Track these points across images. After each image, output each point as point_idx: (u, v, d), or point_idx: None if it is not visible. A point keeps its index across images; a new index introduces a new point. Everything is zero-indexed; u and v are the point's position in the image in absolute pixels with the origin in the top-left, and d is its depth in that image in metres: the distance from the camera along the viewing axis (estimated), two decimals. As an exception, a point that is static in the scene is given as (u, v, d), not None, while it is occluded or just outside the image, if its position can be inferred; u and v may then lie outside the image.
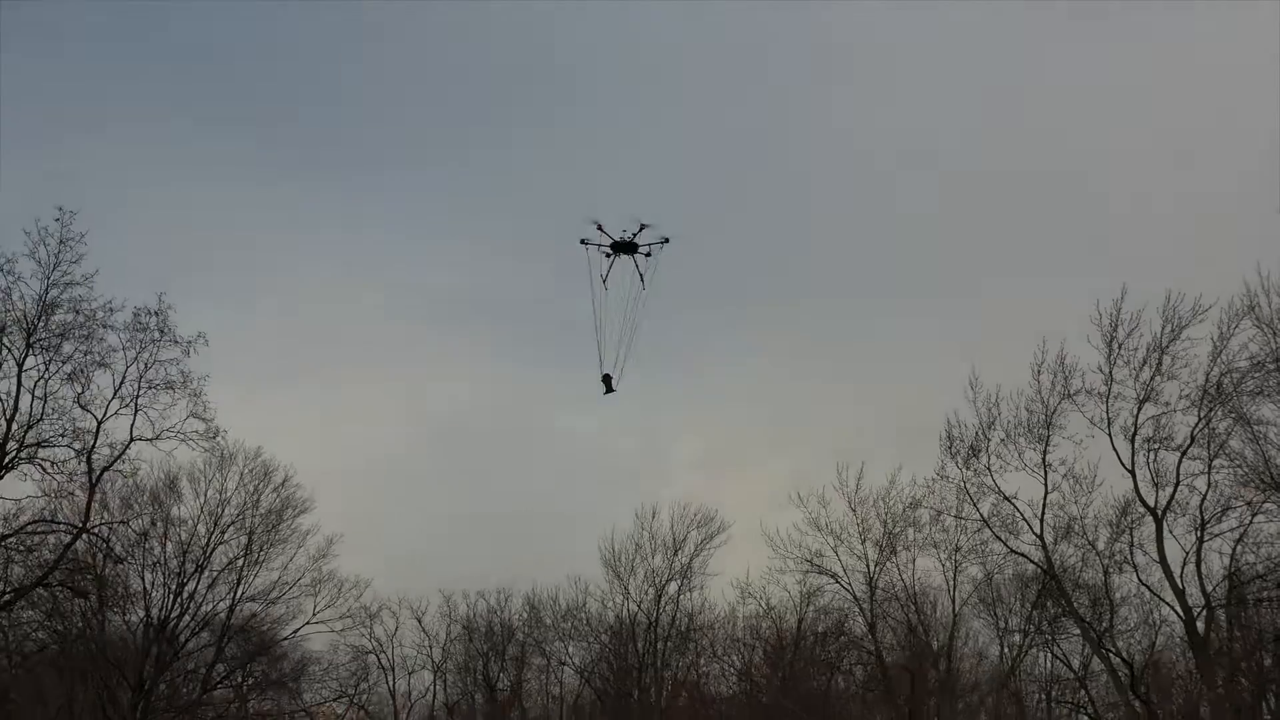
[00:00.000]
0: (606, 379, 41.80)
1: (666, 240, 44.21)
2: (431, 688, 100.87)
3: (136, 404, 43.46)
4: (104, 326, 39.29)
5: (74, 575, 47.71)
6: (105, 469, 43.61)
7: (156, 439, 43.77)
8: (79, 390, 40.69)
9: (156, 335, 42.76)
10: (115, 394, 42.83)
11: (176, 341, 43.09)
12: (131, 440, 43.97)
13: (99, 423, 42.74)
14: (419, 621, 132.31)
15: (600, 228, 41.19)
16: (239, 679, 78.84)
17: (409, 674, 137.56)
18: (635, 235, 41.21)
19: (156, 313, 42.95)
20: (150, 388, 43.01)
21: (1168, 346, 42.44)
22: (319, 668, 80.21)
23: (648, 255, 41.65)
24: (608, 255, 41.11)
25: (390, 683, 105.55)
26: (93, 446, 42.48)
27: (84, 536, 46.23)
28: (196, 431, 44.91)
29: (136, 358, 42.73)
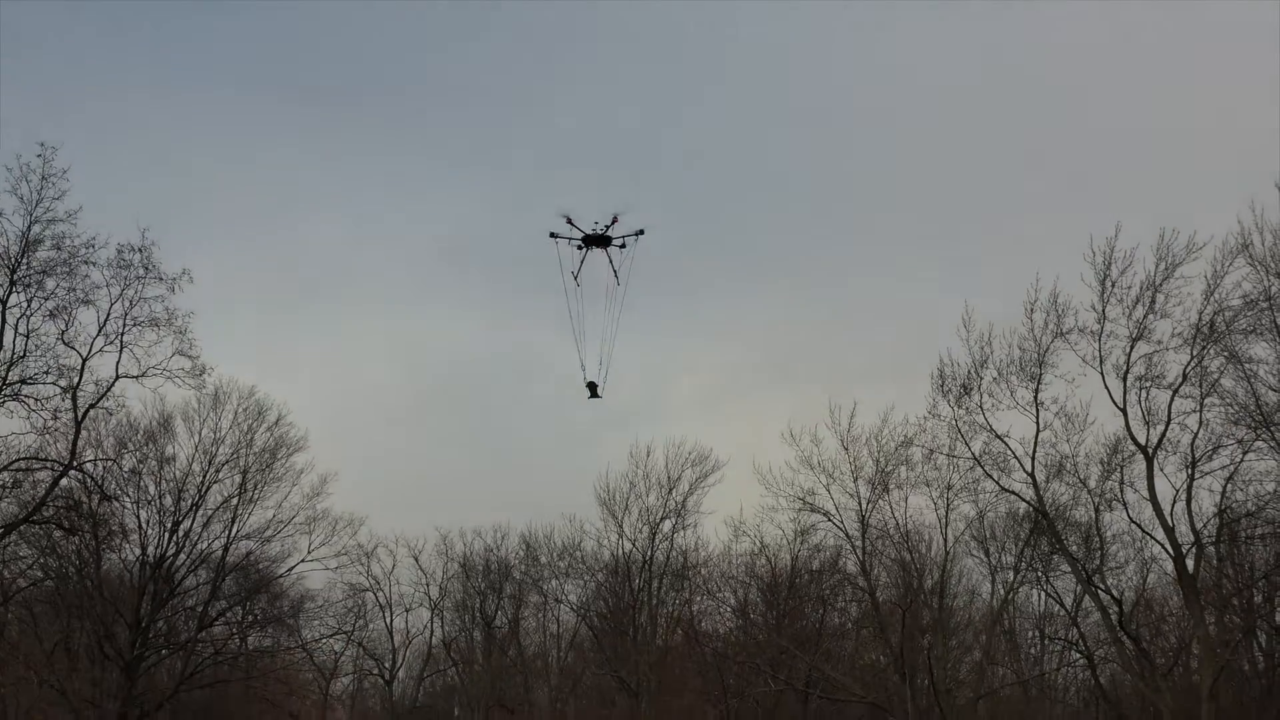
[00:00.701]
0: (591, 386, 40.82)
1: (641, 232, 42.73)
2: (429, 625, 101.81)
3: (122, 341, 43.36)
4: (87, 263, 38.95)
5: (63, 512, 47.78)
6: (91, 406, 43.53)
7: (142, 376, 43.73)
8: (62, 327, 40.55)
9: (141, 272, 42.58)
10: (100, 331, 42.74)
11: (161, 278, 42.91)
12: (117, 378, 43.90)
13: (84, 360, 42.68)
14: (416, 560, 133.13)
15: (570, 221, 39.93)
16: (238, 616, 79.57)
17: (406, 611, 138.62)
18: (609, 227, 39.94)
19: (140, 249, 42.73)
20: (135, 325, 42.89)
21: (1161, 284, 42.06)
22: (314, 605, 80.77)
23: (622, 248, 40.29)
24: (580, 249, 39.89)
25: (388, 620, 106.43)
26: (78, 384, 42.41)
27: (73, 474, 46.32)
28: (183, 369, 44.88)
29: (121, 294, 42.61)
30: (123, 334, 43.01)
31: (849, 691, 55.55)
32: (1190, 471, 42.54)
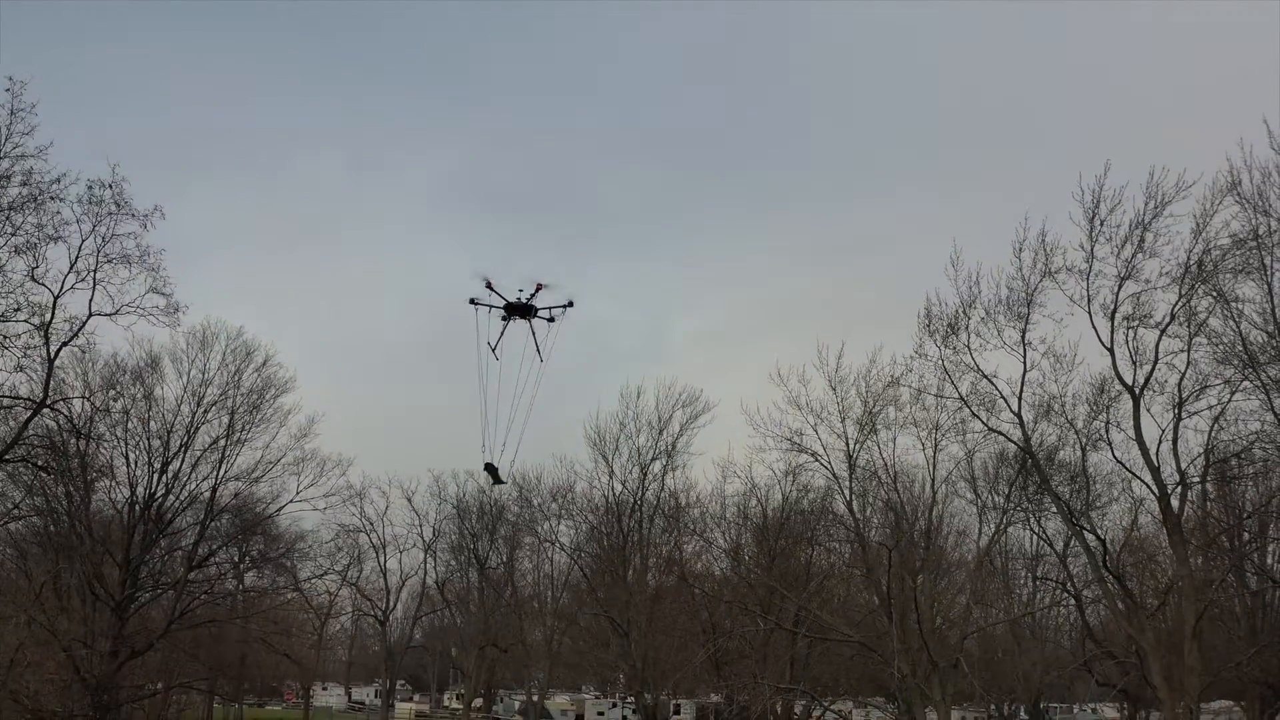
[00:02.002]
0: (491, 470, 38.92)
1: (570, 304, 41.42)
2: (423, 565, 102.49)
3: (94, 278, 42.87)
4: (55, 199, 38.35)
5: (38, 451, 47.64)
6: (64, 344, 43.21)
7: (116, 314, 43.34)
8: (32, 264, 40.03)
9: (113, 208, 41.94)
10: (71, 268, 42.22)
11: (134, 215, 42.23)
12: (90, 315, 43.50)
13: (55, 297, 42.14)
14: (409, 501, 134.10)
15: (490, 285, 38.40)
16: (233, 557, 79.93)
17: (400, 552, 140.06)
18: (533, 295, 38.49)
19: (110, 185, 42.06)
20: (108, 261, 42.39)
21: (1150, 223, 41.42)
22: (305, 544, 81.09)
23: (550, 320, 38.79)
24: (503, 318, 38.51)
25: (381, 561, 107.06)
26: (49, 321, 42.00)
27: (50, 413, 46.14)
28: (157, 307, 44.46)
29: (93, 230, 42.02)
30: (95, 271, 42.58)
31: (837, 631, 55.71)
32: (1177, 412, 42.22)
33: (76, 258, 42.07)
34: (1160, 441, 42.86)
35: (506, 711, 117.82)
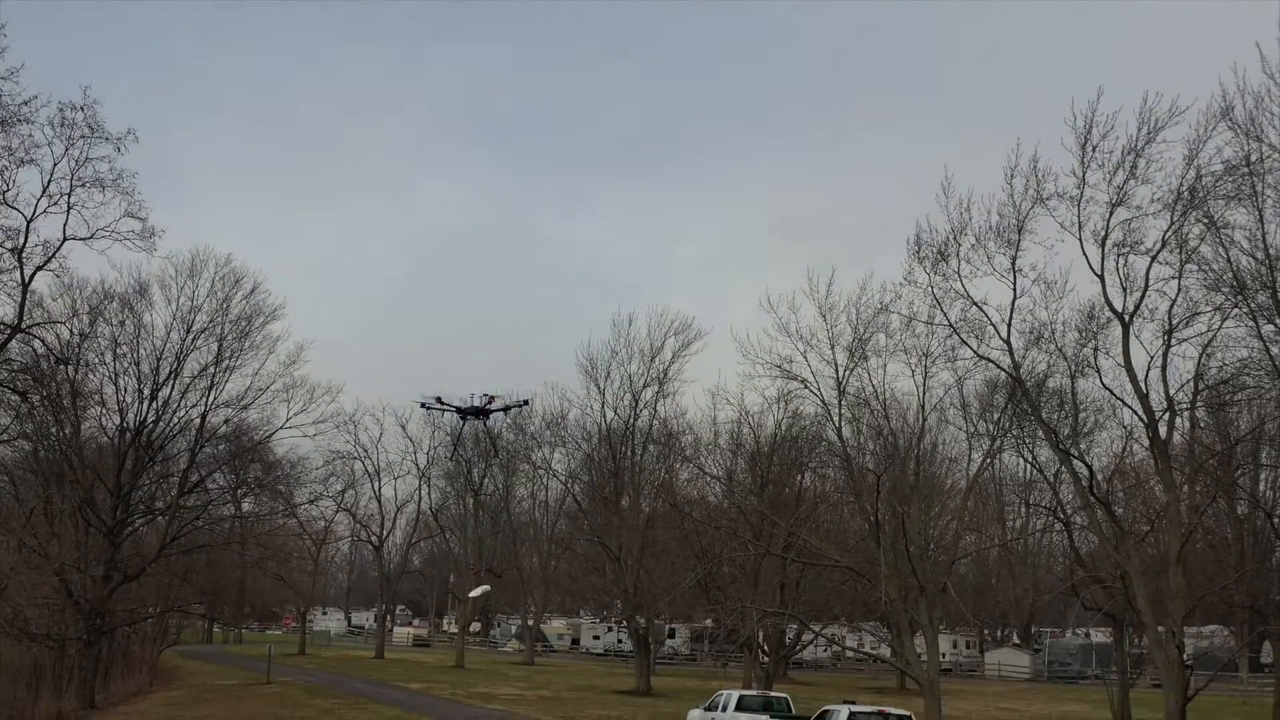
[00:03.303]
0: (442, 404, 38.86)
1: (525, 402, 42.36)
2: (417, 492, 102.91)
3: (68, 202, 42.57)
4: (24, 121, 37.77)
5: (18, 375, 47.49)
6: (39, 269, 43.02)
7: (91, 239, 43.03)
8: (3, 187, 39.62)
9: (85, 131, 41.47)
10: (44, 192, 41.87)
11: (107, 138, 41.83)
12: (64, 239, 43.28)
13: (28, 221, 41.96)
14: (403, 428, 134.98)
15: (440, 401, 39.04)
16: (229, 482, 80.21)
17: (395, 479, 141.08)
18: (488, 401, 39.23)
19: (82, 107, 41.57)
20: (81, 185, 42.01)
21: (1142, 149, 40.66)
22: (299, 471, 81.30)
23: (505, 411, 39.62)
24: (462, 420, 39.08)
25: (376, 487, 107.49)
26: (23, 246, 41.79)
27: (32, 339, 46.02)
28: (133, 231, 44.16)
29: (66, 153, 41.64)
30: (69, 195, 42.25)
31: (826, 557, 55.85)
32: (1166, 339, 41.79)
33: (49, 181, 41.75)
34: (1149, 369, 42.57)
35: (503, 636, 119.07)
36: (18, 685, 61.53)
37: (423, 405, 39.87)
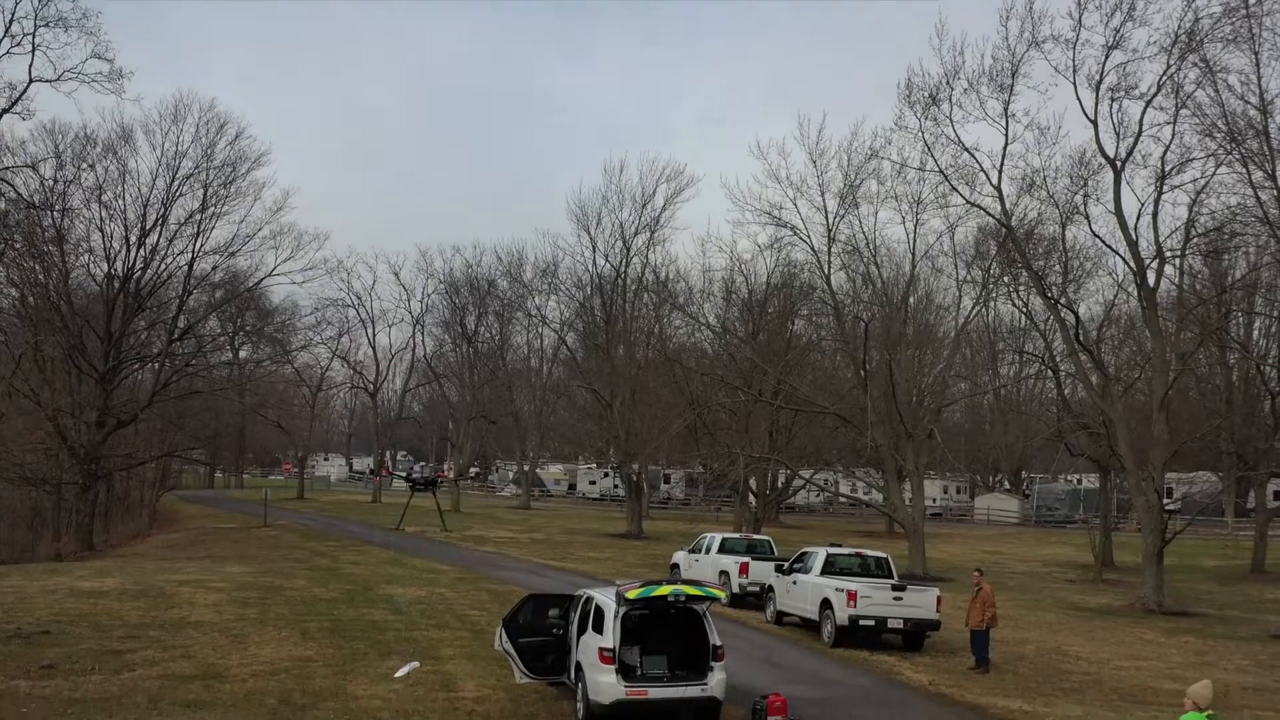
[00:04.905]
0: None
1: (478, 474, 42.95)
2: (411, 340, 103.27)
3: (33, 42, 41.70)
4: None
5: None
6: (5, 110, 42.35)
7: (58, 80, 42.27)
8: (-35, 31, 38.70)
9: (45, -31, 40.42)
10: (6, 31, 41.04)
11: (69, -26, 40.79)
12: (31, 81, 42.51)
13: (-9, 61, 41.16)
14: (396, 276, 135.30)
15: (389, 470, 39.52)
16: (224, 330, 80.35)
17: (390, 327, 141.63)
18: (436, 475, 39.68)
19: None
20: (45, 25, 41.06)
21: (1142, -11, 39.81)
22: (282, 317, 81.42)
23: (458, 481, 40.42)
24: (415, 490, 39.41)
25: (370, 334, 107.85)
26: (-12, 86, 41.04)
27: (7, 187, 45.54)
28: (100, 73, 43.39)
29: (27, -10, 40.70)
30: (33, 36, 41.35)
31: (814, 403, 56.18)
32: (1159, 185, 41.20)
33: (11, 20, 41.00)
34: (1139, 216, 42.13)
35: (501, 481, 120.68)
36: (17, 529, 62.72)
37: (372, 472, 41.94)
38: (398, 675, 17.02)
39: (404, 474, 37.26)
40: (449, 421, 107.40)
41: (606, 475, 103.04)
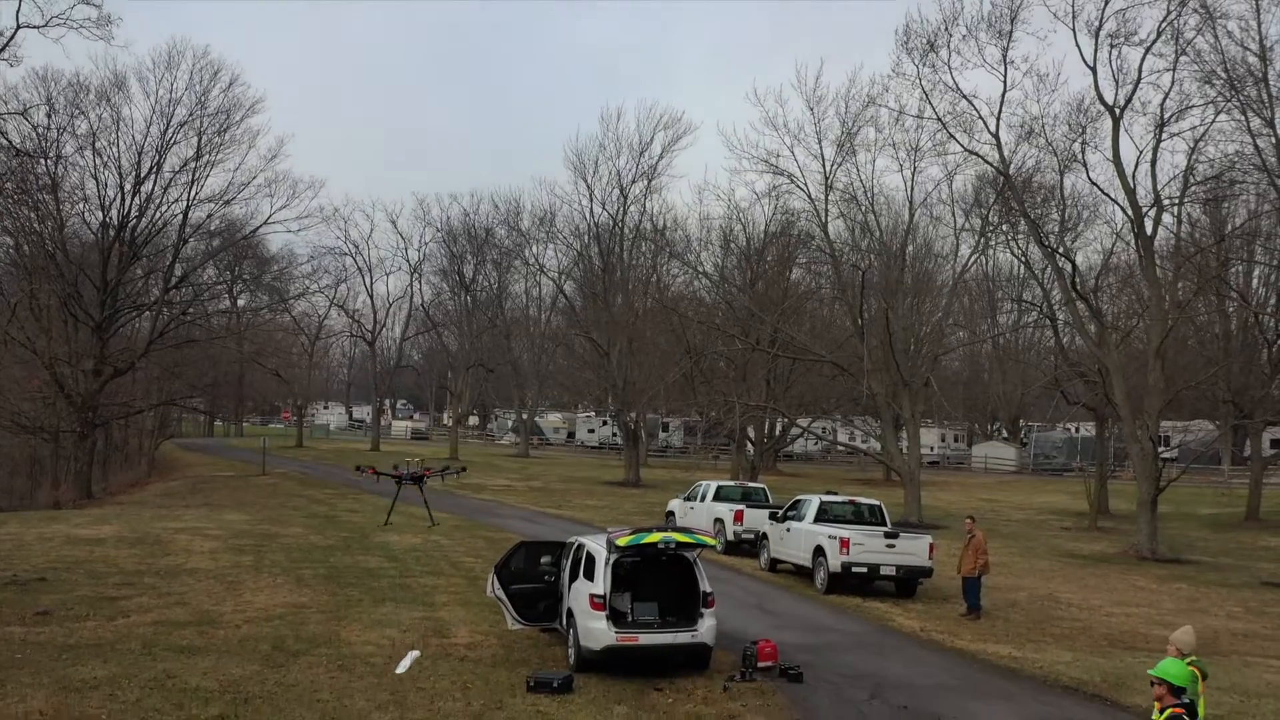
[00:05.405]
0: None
1: (464, 469, 43.99)
2: (409, 288, 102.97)
3: (20, -13, 41.19)
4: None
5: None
6: (-9, 55, 41.97)
7: (45, 26, 41.82)
8: (-52, -26, 38.28)
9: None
10: (-9, -24, 40.57)
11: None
12: (19, 27, 42.11)
13: (-24, 6, 40.71)
14: (394, 224, 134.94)
15: (375, 469, 39.83)
16: (221, 277, 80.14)
17: (387, 275, 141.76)
18: (422, 472, 39.83)
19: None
20: (30, -32, 40.62)
21: (1143, -68, 39.29)
22: (280, 265, 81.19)
23: (444, 476, 40.79)
24: (397, 483, 39.61)
25: (368, 283, 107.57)
26: (-26, 32, 40.60)
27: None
28: (89, 19, 42.95)
29: (14, -68, 40.20)
30: (19, -21, 40.83)
31: (811, 352, 56.16)
32: (1157, 132, 40.93)
33: (-3, -35, 40.33)
34: (1138, 164, 41.98)
35: (500, 429, 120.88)
36: (16, 477, 62.92)
37: (357, 469, 42.10)
38: (399, 671, 17.11)
39: (390, 473, 38.04)
40: (448, 370, 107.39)
41: (605, 423, 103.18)
